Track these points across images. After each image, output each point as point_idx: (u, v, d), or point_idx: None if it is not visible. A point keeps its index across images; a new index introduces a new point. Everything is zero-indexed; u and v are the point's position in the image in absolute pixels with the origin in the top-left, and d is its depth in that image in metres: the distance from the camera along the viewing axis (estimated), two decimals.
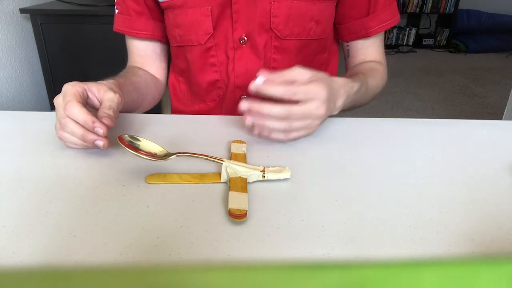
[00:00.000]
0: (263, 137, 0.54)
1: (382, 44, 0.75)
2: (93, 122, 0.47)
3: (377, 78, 0.70)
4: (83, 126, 0.47)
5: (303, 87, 0.49)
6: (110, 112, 0.50)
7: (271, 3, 0.64)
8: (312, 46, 0.71)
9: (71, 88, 0.49)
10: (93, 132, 0.47)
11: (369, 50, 0.74)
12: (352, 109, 0.66)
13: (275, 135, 0.52)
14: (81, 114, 0.47)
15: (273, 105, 0.49)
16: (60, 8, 1.70)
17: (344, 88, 0.56)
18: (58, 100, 0.49)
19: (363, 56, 0.74)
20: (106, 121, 0.48)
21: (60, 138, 0.50)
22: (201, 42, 0.69)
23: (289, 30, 0.67)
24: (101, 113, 0.49)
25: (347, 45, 0.75)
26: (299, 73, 0.51)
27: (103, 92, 0.52)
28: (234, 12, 0.66)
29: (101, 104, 0.52)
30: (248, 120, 0.50)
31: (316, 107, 0.50)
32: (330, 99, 0.52)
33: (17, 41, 1.77)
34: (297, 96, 0.49)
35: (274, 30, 0.67)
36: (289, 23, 0.66)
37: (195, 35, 0.69)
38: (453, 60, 3.98)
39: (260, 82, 0.49)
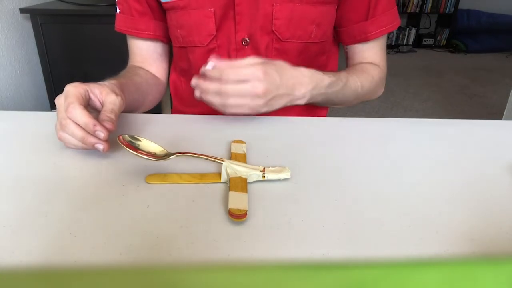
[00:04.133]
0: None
1: (383, 47, 0.75)
2: (95, 125, 0.47)
3: (365, 78, 0.69)
4: (83, 129, 0.47)
5: (238, 69, 0.54)
6: (112, 116, 0.50)
7: (273, 5, 0.64)
8: (312, 48, 0.71)
9: (73, 90, 0.49)
10: (93, 135, 0.47)
11: (366, 54, 0.74)
12: (332, 105, 0.67)
13: (214, 108, 0.57)
14: (83, 116, 0.47)
15: (209, 83, 0.55)
16: (60, 8, 1.70)
17: (309, 78, 0.58)
18: (59, 100, 0.49)
19: (360, 59, 0.74)
20: (107, 124, 0.48)
21: (60, 139, 0.50)
22: (204, 43, 0.69)
23: (290, 33, 0.67)
24: (103, 116, 0.49)
25: (347, 48, 0.76)
26: (249, 61, 0.55)
27: (105, 94, 0.52)
28: (237, 13, 0.66)
29: (102, 106, 0.51)
30: (196, 92, 0.58)
31: (252, 86, 0.53)
32: (274, 82, 0.55)
33: (17, 41, 1.77)
34: (232, 77, 0.53)
35: (276, 32, 0.67)
36: (290, 26, 0.66)
37: (198, 36, 0.69)
38: (453, 60, 3.98)
39: (210, 67, 0.55)
